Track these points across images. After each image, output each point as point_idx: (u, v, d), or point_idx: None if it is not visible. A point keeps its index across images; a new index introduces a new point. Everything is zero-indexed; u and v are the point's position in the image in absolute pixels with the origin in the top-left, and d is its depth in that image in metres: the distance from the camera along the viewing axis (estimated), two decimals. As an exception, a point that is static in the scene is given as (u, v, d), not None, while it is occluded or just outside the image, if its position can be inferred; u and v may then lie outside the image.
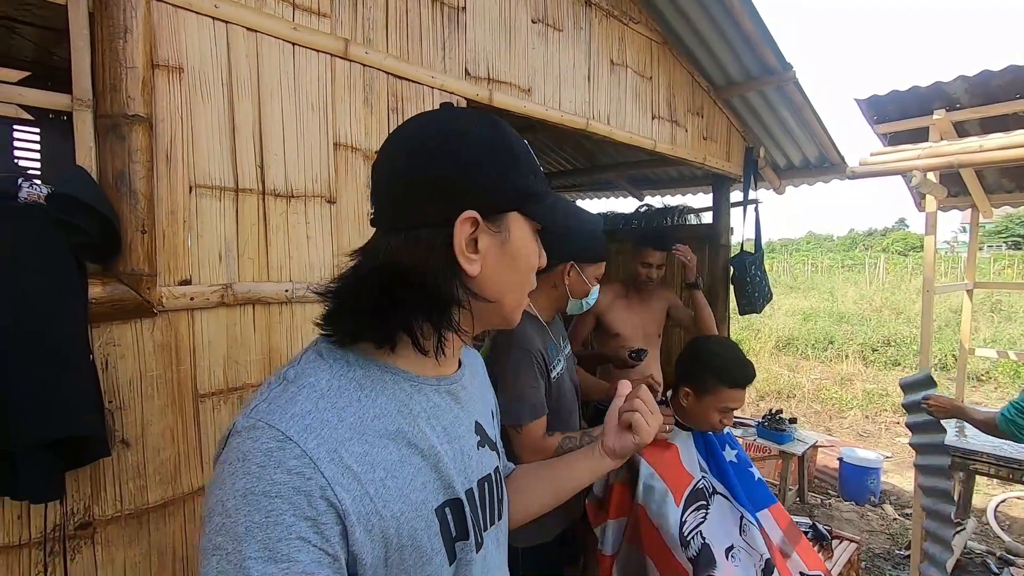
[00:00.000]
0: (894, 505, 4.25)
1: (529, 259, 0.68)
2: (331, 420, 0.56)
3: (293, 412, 0.55)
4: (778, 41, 2.56)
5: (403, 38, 1.55)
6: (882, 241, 44.24)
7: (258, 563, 0.48)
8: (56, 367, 0.91)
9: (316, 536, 0.51)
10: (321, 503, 0.52)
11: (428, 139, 0.62)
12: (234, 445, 0.54)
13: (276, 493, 0.50)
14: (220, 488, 0.52)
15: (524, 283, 0.69)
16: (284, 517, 0.50)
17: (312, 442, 0.53)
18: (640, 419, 0.84)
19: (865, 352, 9.39)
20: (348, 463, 0.55)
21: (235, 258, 1.23)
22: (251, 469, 0.51)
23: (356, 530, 0.54)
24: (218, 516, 0.51)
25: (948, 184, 3.34)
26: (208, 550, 0.50)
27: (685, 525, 1.54)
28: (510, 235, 0.64)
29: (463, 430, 0.71)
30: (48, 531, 1.00)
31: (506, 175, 0.63)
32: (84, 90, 1.03)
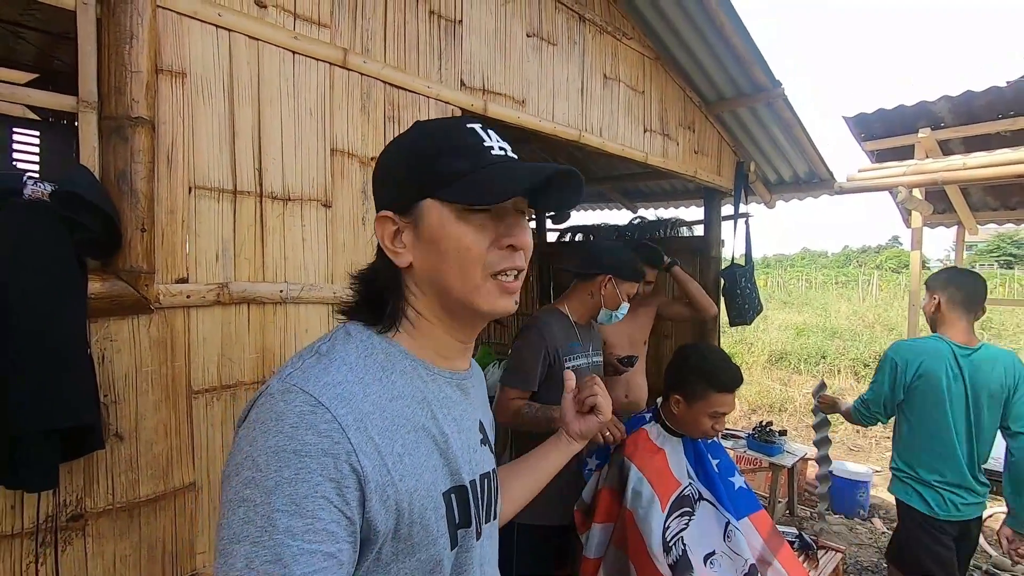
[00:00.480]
0: (883, 519, 4.27)
1: (456, 242, 0.65)
2: (358, 393, 0.60)
3: (326, 381, 0.59)
4: (768, 59, 2.63)
5: (400, 49, 1.60)
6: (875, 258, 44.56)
7: (284, 516, 0.51)
8: (58, 359, 0.93)
9: (338, 498, 0.54)
10: (346, 467, 0.55)
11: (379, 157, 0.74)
12: (268, 406, 0.57)
13: (306, 452, 0.54)
14: (251, 444, 0.55)
15: (463, 265, 0.65)
16: (312, 476, 0.53)
17: (342, 409, 0.57)
18: (602, 400, 0.96)
19: (857, 367, 9.45)
20: (371, 434, 0.58)
21: (231, 258, 1.26)
22: (284, 428, 0.54)
23: (373, 498, 0.57)
24: (247, 470, 0.54)
25: (934, 201, 3.42)
26: (235, 501, 0.53)
27: (668, 531, 1.56)
28: (422, 223, 0.66)
29: (470, 424, 0.75)
30: (40, 522, 1.02)
31: (413, 168, 0.67)
32: (90, 92, 1.07)
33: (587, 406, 0.97)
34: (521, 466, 1.00)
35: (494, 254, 0.66)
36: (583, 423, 0.98)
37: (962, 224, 3.60)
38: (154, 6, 1.12)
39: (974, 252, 41.01)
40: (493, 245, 0.66)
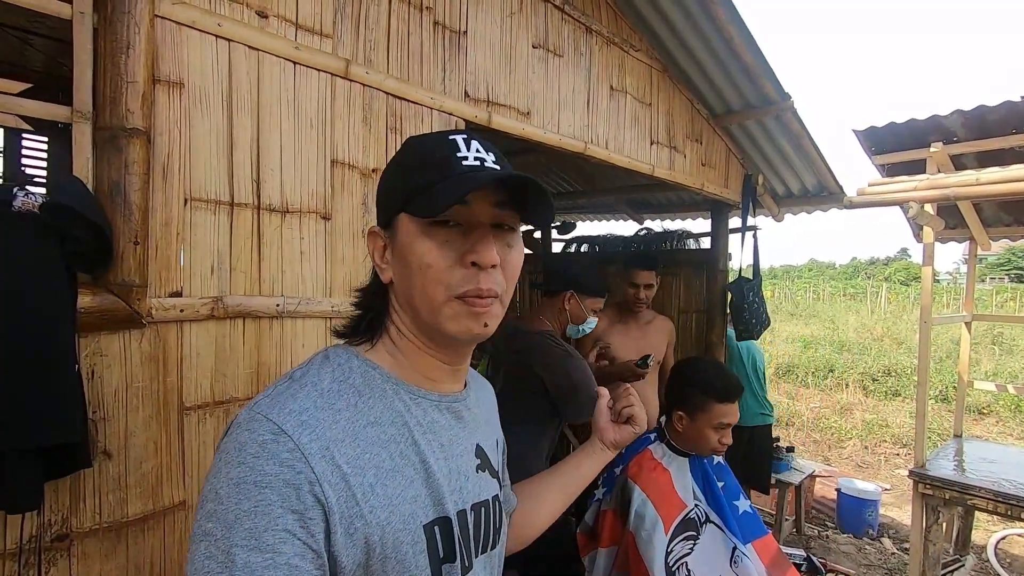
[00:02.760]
0: (892, 539, 4.18)
1: (419, 258, 0.61)
2: (326, 419, 0.57)
3: (291, 408, 0.57)
4: (777, 71, 2.60)
5: (404, 59, 1.58)
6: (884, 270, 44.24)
7: (243, 551, 0.49)
8: (44, 375, 0.91)
9: (302, 530, 0.52)
10: (309, 498, 0.53)
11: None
12: (233, 436, 0.55)
13: (266, 484, 0.51)
14: (215, 476, 0.54)
15: (425, 283, 0.62)
16: (272, 508, 0.51)
17: (305, 437, 0.55)
18: (639, 411, 0.95)
19: (865, 381, 9.34)
20: (338, 463, 0.56)
21: (227, 271, 1.24)
22: (245, 459, 0.53)
23: (337, 531, 0.54)
24: (210, 503, 0.52)
25: (946, 216, 3.36)
26: (198, 536, 0.52)
27: (671, 555, 1.52)
28: (396, 238, 0.65)
29: (461, 450, 0.71)
30: (24, 542, 0.99)
31: (393, 185, 0.66)
32: (84, 102, 1.05)
33: (623, 417, 0.97)
34: (554, 476, 0.99)
35: (457, 274, 0.61)
36: (618, 432, 0.97)
37: (974, 239, 3.54)
38: (152, 16, 1.10)
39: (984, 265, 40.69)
40: (458, 263, 0.61)
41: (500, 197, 0.63)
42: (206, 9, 1.20)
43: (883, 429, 7.12)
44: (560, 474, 0.99)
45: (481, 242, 0.61)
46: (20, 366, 0.88)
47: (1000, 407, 7.83)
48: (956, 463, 3.02)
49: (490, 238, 0.62)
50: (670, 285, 3.75)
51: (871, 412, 7.96)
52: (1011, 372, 9.40)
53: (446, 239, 0.62)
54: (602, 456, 0.98)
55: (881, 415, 7.74)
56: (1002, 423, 7.54)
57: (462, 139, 0.64)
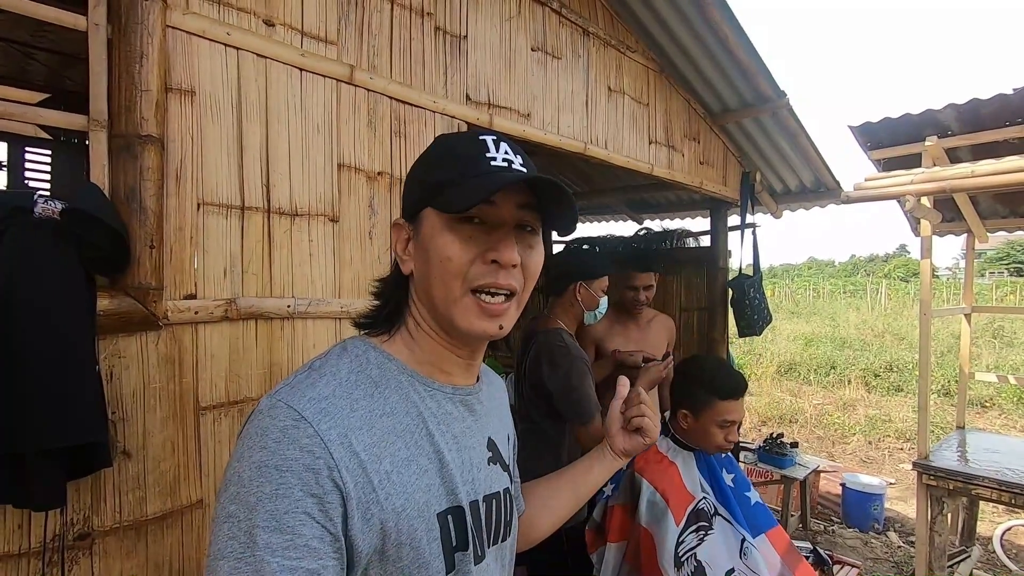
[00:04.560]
0: (898, 532, 4.20)
1: (441, 249, 0.63)
2: (344, 408, 0.59)
3: (311, 396, 0.58)
4: (772, 69, 2.63)
5: (406, 64, 1.61)
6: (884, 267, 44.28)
7: (264, 532, 0.51)
8: (66, 376, 0.93)
9: (320, 514, 0.53)
10: (328, 482, 0.54)
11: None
12: (255, 422, 0.57)
13: (287, 468, 0.53)
14: (238, 461, 0.56)
15: (444, 277, 0.63)
16: (293, 491, 0.53)
17: (325, 424, 0.57)
18: (649, 422, 0.92)
19: (867, 377, 9.35)
20: (356, 450, 0.57)
21: (239, 274, 1.27)
22: (267, 444, 0.54)
23: (355, 515, 0.56)
24: (234, 486, 0.54)
25: (943, 209, 3.39)
26: (221, 517, 0.54)
27: (681, 545, 1.53)
28: (420, 230, 0.67)
29: (474, 442, 0.72)
30: (47, 541, 1.01)
31: (419, 179, 0.68)
32: (100, 111, 1.08)
33: (634, 425, 0.93)
34: (563, 480, 0.97)
35: (476, 268, 0.63)
36: (628, 441, 0.94)
37: (971, 232, 3.57)
38: (164, 26, 1.13)
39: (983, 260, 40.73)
40: (478, 259, 0.63)
41: (525, 199, 0.65)
42: (215, 19, 1.23)
43: (886, 424, 7.14)
44: (570, 478, 0.97)
45: (504, 241, 0.63)
46: (43, 368, 0.90)
47: (1002, 399, 7.84)
48: (959, 454, 3.03)
49: (512, 238, 0.64)
50: (671, 284, 3.78)
51: (874, 408, 7.98)
52: (1012, 365, 9.42)
53: (469, 235, 0.63)
54: (612, 464, 0.96)
55: (884, 410, 7.76)
56: (1005, 415, 7.55)
57: (492, 140, 0.66)
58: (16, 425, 0.87)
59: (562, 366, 1.89)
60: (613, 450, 0.95)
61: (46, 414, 0.90)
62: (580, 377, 1.87)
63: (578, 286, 2.02)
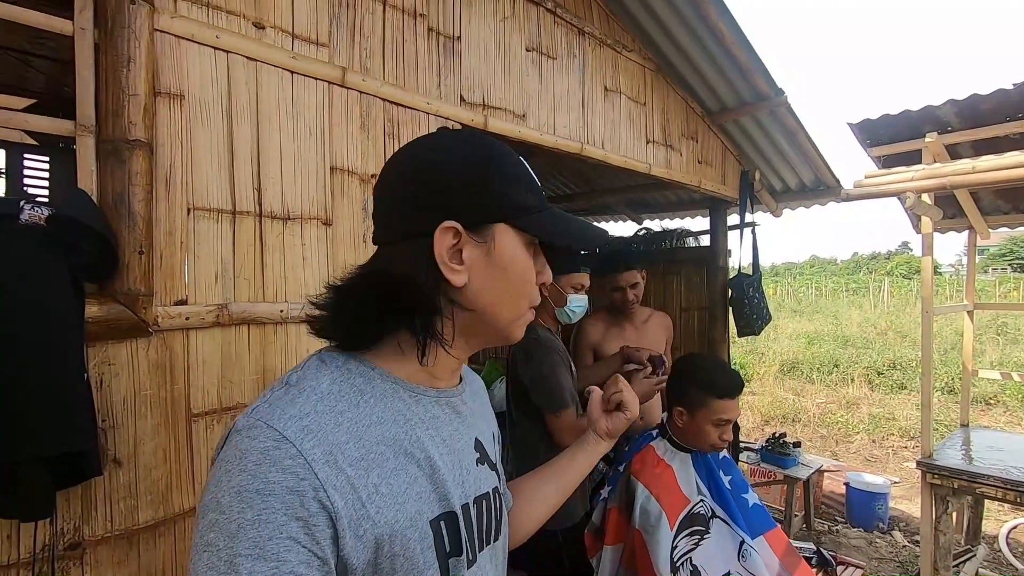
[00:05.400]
0: (903, 532, 4.17)
1: (522, 271, 0.68)
2: (328, 423, 0.57)
3: (292, 413, 0.56)
4: (771, 67, 2.62)
5: (399, 66, 1.60)
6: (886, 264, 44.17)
7: (247, 560, 0.49)
8: (53, 384, 0.92)
9: (306, 537, 0.51)
10: (314, 504, 0.52)
11: (416, 157, 0.67)
12: (233, 443, 0.55)
13: (269, 491, 0.51)
14: (216, 485, 0.53)
15: (519, 295, 0.69)
16: (276, 516, 0.50)
17: (308, 443, 0.54)
18: (628, 396, 0.98)
19: (871, 376, 9.31)
20: (343, 466, 0.55)
21: (231, 279, 1.26)
22: (247, 467, 0.52)
23: (347, 534, 0.54)
24: (212, 512, 0.51)
25: (944, 206, 3.37)
26: (200, 546, 0.51)
27: (676, 550, 1.52)
28: (495, 245, 0.64)
29: (463, 444, 0.71)
30: (37, 551, 1.00)
31: (489, 187, 0.64)
32: (87, 116, 1.07)
33: (613, 403, 0.99)
34: (549, 471, 0.99)
35: (535, 289, 0.71)
36: (611, 421, 0.99)
37: (973, 228, 3.55)
38: (151, 30, 1.12)
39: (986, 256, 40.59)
40: (535, 281, 0.70)
41: None
42: (204, 22, 1.22)
43: (890, 423, 7.10)
44: (555, 470, 0.99)
45: (546, 266, 0.72)
46: (30, 376, 0.89)
47: (1007, 396, 7.80)
48: (963, 452, 3.01)
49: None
50: (671, 284, 3.77)
51: (877, 406, 7.94)
52: (1017, 361, 9.37)
53: (532, 257, 0.70)
54: (596, 447, 0.99)
55: (888, 409, 7.72)
56: (1010, 412, 7.51)
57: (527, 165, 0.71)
58: (1, 434, 0.86)
59: (535, 357, 1.93)
60: (597, 432, 0.99)
61: (32, 423, 0.89)
62: (552, 367, 1.90)
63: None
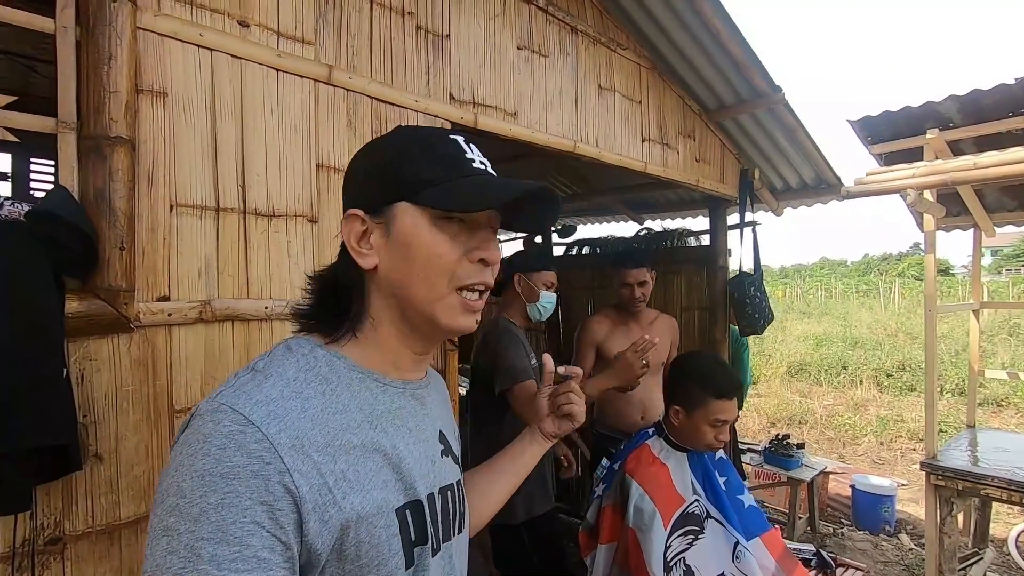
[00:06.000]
0: (910, 535, 4.11)
1: (427, 247, 0.64)
2: (294, 409, 0.57)
3: (258, 398, 0.56)
4: (769, 64, 2.60)
5: (387, 64, 1.60)
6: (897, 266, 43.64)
7: (210, 544, 0.48)
8: (31, 377, 0.92)
9: (270, 522, 0.51)
10: (279, 488, 0.52)
11: (353, 157, 0.73)
12: (195, 427, 0.54)
13: (234, 475, 0.51)
14: (177, 470, 0.52)
15: (432, 273, 0.64)
16: (240, 500, 0.50)
17: (274, 427, 0.54)
18: (577, 408, 0.94)
19: (879, 377, 9.22)
20: (309, 452, 0.55)
21: (215, 275, 1.26)
22: (210, 451, 0.51)
23: (311, 519, 0.54)
24: (172, 496, 0.51)
25: (948, 204, 3.32)
26: (159, 531, 0.50)
27: (669, 550, 1.51)
28: (395, 225, 0.65)
29: (427, 435, 0.72)
30: (16, 545, 1.00)
31: (388, 169, 0.66)
32: (69, 113, 1.07)
33: (562, 412, 0.95)
34: (497, 465, 0.98)
35: (464, 267, 0.65)
36: (556, 425, 0.97)
37: (978, 226, 3.50)
38: (134, 28, 1.13)
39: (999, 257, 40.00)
40: (464, 257, 0.65)
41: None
42: (188, 20, 1.23)
43: (898, 425, 7.02)
44: (505, 462, 0.99)
45: (489, 241, 0.67)
46: (7, 370, 0.90)
47: (1018, 398, 7.68)
48: (969, 453, 2.96)
49: (495, 239, 0.69)
50: (672, 284, 3.74)
51: (886, 408, 7.85)
52: (1029, 363, 9.23)
53: (454, 234, 0.65)
54: (543, 445, 0.98)
55: (896, 411, 7.63)
56: (1021, 414, 7.40)
57: (463, 140, 0.68)
58: (-26, 428, 0.86)
59: (493, 338, 2.03)
60: (543, 432, 0.98)
61: (9, 416, 0.89)
62: (507, 346, 1.97)
63: (517, 278, 2.10)
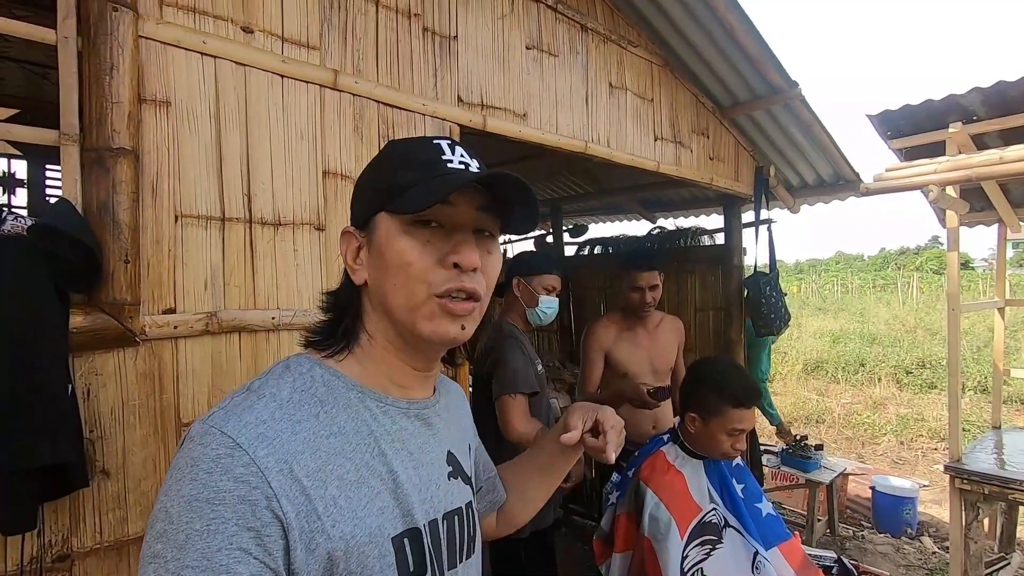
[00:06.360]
0: (933, 537, 4.01)
1: (399, 253, 0.60)
2: (285, 431, 0.55)
3: (247, 420, 0.54)
4: (785, 59, 2.54)
5: (393, 67, 1.58)
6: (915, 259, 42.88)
7: (194, 572, 0.47)
8: (34, 395, 0.91)
9: (258, 548, 0.49)
10: (266, 514, 0.50)
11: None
12: (186, 450, 0.53)
13: (220, 500, 0.49)
14: (166, 494, 0.51)
15: (407, 279, 0.60)
16: (226, 526, 0.49)
17: (262, 451, 0.52)
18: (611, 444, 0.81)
19: (899, 375, 9.05)
20: (298, 476, 0.54)
21: (221, 286, 1.24)
22: (198, 475, 0.50)
23: (298, 547, 0.52)
24: (160, 522, 0.50)
25: (972, 199, 3.23)
26: (147, 557, 0.49)
27: (687, 560, 1.47)
28: (373, 236, 0.64)
29: (432, 457, 0.69)
30: (24, 564, 0.99)
31: (371, 183, 0.66)
32: (71, 125, 1.06)
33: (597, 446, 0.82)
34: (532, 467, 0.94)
35: (439, 273, 0.61)
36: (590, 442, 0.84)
37: (1003, 222, 3.39)
38: (136, 37, 1.11)
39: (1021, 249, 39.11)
40: (439, 264, 0.61)
41: (483, 201, 0.64)
42: (190, 28, 1.21)
43: (919, 423, 6.88)
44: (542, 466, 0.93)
45: (464, 244, 0.61)
46: (10, 387, 0.88)
47: (1044, 396, 7.50)
48: (995, 456, 2.88)
49: (472, 241, 0.63)
50: (686, 283, 3.69)
51: (906, 406, 7.70)
52: (1055, 360, 9.01)
53: (428, 239, 0.61)
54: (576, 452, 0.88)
55: (916, 409, 7.48)
56: (1047, 413, 7.21)
57: (447, 144, 0.65)
58: (-23, 449, 0.85)
59: (494, 346, 1.98)
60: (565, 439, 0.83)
61: (13, 435, 0.88)
62: (508, 352, 1.92)
63: (516, 281, 2.06)
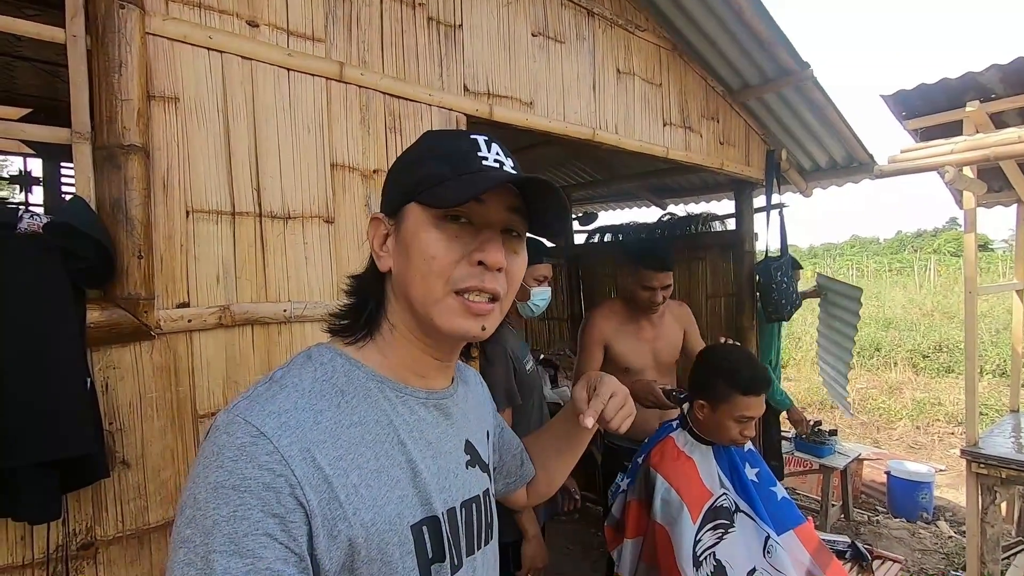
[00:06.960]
0: (949, 522, 3.99)
1: (423, 246, 0.61)
2: (307, 420, 0.57)
3: (271, 410, 0.56)
4: (796, 40, 2.49)
5: (399, 58, 1.57)
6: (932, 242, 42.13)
7: (223, 556, 0.49)
8: (53, 389, 0.93)
9: (283, 534, 0.51)
10: (290, 500, 0.52)
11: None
12: (212, 439, 0.55)
13: (245, 488, 0.51)
14: (194, 482, 0.53)
15: (427, 273, 0.61)
16: (252, 512, 0.50)
17: (285, 439, 0.54)
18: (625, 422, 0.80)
19: (915, 359, 8.94)
20: (320, 464, 0.55)
21: (233, 280, 1.26)
22: (224, 463, 0.52)
23: (320, 533, 0.53)
24: (189, 508, 0.52)
25: (989, 179, 3.16)
26: (177, 542, 0.51)
27: (699, 544, 1.47)
28: (402, 225, 0.64)
29: (450, 447, 0.70)
30: (51, 552, 1.03)
31: (404, 172, 0.66)
32: (82, 123, 1.07)
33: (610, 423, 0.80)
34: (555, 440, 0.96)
35: (462, 269, 0.61)
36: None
37: (1022, 202, 3.33)
38: (143, 34, 1.12)
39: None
40: (464, 259, 0.61)
41: (514, 202, 0.63)
42: (196, 23, 1.22)
43: (936, 408, 6.81)
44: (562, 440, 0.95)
45: (491, 243, 0.61)
46: (30, 383, 0.91)
47: (1065, 379, 7.37)
48: (1013, 439, 2.84)
49: (499, 240, 0.63)
50: (696, 270, 3.67)
51: (922, 390, 7.62)
52: (1076, 341, 8.84)
53: (456, 234, 0.61)
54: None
55: (933, 393, 7.40)
56: (1068, 396, 7.10)
57: (484, 140, 0.64)
58: (2, 440, 0.87)
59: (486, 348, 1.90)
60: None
61: (34, 429, 0.90)
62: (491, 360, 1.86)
63: None
